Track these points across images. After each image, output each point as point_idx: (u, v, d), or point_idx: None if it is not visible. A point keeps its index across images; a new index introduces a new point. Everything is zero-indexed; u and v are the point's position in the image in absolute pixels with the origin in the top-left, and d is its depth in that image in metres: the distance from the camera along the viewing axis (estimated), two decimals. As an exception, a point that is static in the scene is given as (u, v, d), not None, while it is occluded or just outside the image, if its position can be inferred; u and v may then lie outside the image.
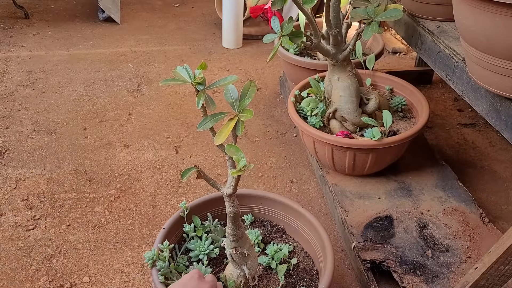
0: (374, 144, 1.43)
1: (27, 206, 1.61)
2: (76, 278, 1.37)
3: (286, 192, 1.69)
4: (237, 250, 1.01)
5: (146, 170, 1.79)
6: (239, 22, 2.73)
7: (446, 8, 1.37)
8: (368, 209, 1.45)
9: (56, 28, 2.98)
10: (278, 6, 1.17)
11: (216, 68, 2.54)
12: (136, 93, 2.30)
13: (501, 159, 1.83)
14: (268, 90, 2.34)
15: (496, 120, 1.04)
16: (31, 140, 1.94)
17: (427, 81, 2.33)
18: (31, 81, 2.37)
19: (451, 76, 1.24)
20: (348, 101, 1.50)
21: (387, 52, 2.70)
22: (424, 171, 1.60)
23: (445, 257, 1.27)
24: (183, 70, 0.89)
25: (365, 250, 1.31)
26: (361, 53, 1.70)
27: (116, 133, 2.01)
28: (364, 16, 1.33)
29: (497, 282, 1.00)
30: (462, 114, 2.11)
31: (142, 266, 1.41)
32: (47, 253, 1.45)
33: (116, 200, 1.65)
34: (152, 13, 3.27)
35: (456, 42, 1.27)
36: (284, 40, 1.18)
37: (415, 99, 1.64)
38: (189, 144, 1.94)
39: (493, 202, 1.63)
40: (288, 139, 1.98)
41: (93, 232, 1.53)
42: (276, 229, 1.26)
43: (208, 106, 0.90)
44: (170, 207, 1.62)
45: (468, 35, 0.95)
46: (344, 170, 1.55)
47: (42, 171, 1.77)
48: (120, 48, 2.75)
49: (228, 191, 0.95)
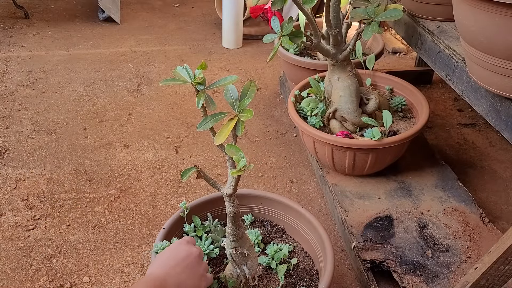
0: (374, 144, 1.43)
1: (27, 206, 1.61)
2: (76, 278, 1.37)
3: (286, 192, 1.69)
4: (237, 250, 1.01)
5: (146, 170, 1.79)
6: (239, 22, 2.73)
7: (446, 8, 1.37)
8: (368, 209, 1.45)
9: (56, 28, 2.98)
10: (278, 6, 1.17)
11: (216, 68, 2.54)
12: (136, 93, 2.30)
13: (501, 159, 1.83)
14: (268, 90, 2.34)
15: (496, 120, 1.04)
16: (31, 140, 1.94)
17: (427, 81, 2.34)
18: (31, 81, 2.37)
19: (451, 76, 1.24)
20: (348, 101, 1.50)
21: (387, 52, 2.70)
22: (424, 171, 1.60)
23: (445, 257, 1.27)
24: (183, 70, 0.89)
25: (365, 250, 1.31)
26: (361, 53, 1.70)
27: (116, 133, 2.01)
28: (364, 16, 1.33)
29: (497, 282, 1.00)
30: (462, 114, 2.11)
31: (142, 266, 1.41)
32: (47, 253, 1.45)
33: (116, 200, 1.65)
34: (152, 13, 3.27)
35: (456, 42, 1.27)
36: (284, 40, 1.18)
37: (415, 99, 1.64)
38: (189, 144, 1.95)
39: (493, 202, 1.63)
40: (288, 139, 1.98)
41: (93, 232, 1.53)
42: (276, 229, 1.26)
43: (208, 106, 0.90)
44: (170, 207, 1.62)
45: (468, 35, 0.95)
46: (344, 170, 1.55)
47: (42, 171, 1.77)
48: (120, 48, 2.75)
49: (228, 191, 0.95)
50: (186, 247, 0.95)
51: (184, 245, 0.95)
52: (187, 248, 0.95)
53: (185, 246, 0.95)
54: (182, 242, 0.96)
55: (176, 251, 0.94)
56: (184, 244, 0.96)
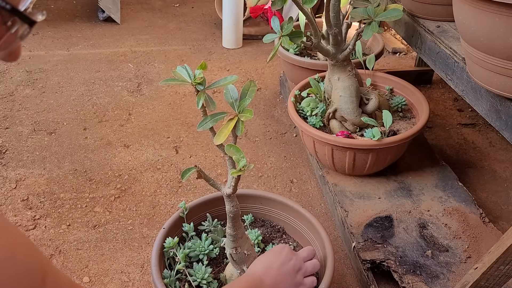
0: (374, 144, 1.43)
1: (27, 206, 1.61)
2: (76, 278, 1.37)
3: (286, 192, 1.69)
4: (237, 250, 1.01)
5: (146, 170, 1.79)
6: (239, 22, 2.73)
7: (446, 8, 1.37)
8: (368, 209, 1.45)
9: (56, 28, 2.98)
10: (278, 6, 1.18)
11: (216, 68, 2.54)
12: (136, 93, 2.30)
13: (501, 159, 1.83)
14: (268, 90, 2.34)
15: (496, 120, 1.04)
16: (31, 140, 1.94)
17: (427, 81, 2.33)
18: (31, 81, 2.37)
19: (451, 76, 1.24)
20: (348, 101, 1.50)
21: (387, 52, 2.70)
22: (424, 171, 1.60)
23: (445, 257, 1.27)
24: (183, 70, 0.89)
25: (365, 250, 1.31)
26: (361, 53, 1.70)
27: (116, 133, 2.01)
28: (364, 16, 1.34)
29: (497, 282, 1.00)
30: (462, 114, 2.11)
31: (142, 266, 1.41)
32: (47, 253, 1.45)
33: (116, 200, 1.65)
34: (152, 13, 3.27)
35: (456, 42, 1.27)
36: (284, 40, 1.18)
37: (415, 99, 1.64)
38: (189, 144, 1.95)
39: (493, 202, 1.63)
40: (288, 139, 1.98)
41: (93, 232, 1.53)
42: (276, 229, 1.26)
43: (208, 106, 0.90)
44: (170, 207, 1.62)
45: (468, 35, 0.95)
46: (344, 170, 1.55)
47: (42, 171, 1.77)
48: (120, 48, 2.75)
49: (228, 191, 0.95)
50: (289, 252, 0.97)
51: (287, 250, 0.97)
52: (290, 254, 0.97)
53: (288, 251, 0.97)
54: (286, 247, 0.99)
55: (279, 254, 0.96)
56: (288, 249, 0.98)
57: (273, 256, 0.96)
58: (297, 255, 0.98)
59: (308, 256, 1.00)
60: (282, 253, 0.96)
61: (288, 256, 0.96)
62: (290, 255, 0.97)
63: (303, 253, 1.00)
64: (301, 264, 0.97)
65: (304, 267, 0.98)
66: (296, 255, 0.98)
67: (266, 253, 0.98)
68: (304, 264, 0.98)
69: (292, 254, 0.97)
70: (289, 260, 0.95)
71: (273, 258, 0.96)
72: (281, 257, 0.95)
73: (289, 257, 0.96)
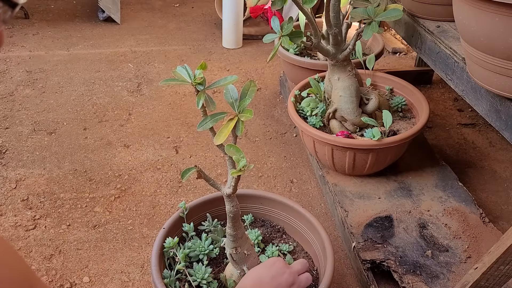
0: (374, 144, 1.43)
1: (27, 206, 1.61)
2: (76, 278, 1.37)
3: (286, 192, 1.69)
4: (237, 250, 1.01)
5: (146, 170, 1.79)
6: (239, 22, 2.73)
7: (446, 8, 1.37)
8: (368, 209, 1.45)
9: (56, 28, 2.98)
10: (278, 6, 1.18)
11: (216, 68, 2.54)
12: (136, 93, 2.30)
13: (501, 159, 1.83)
14: (268, 90, 2.34)
15: (496, 120, 1.04)
16: (31, 140, 1.94)
17: (427, 81, 2.33)
18: (31, 81, 2.37)
19: (451, 76, 1.24)
20: (348, 101, 1.50)
21: (387, 52, 2.70)
22: (424, 171, 1.60)
23: (445, 257, 1.27)
24: (183, 70, 0.89)
25: (365, 250, 1.31)
26: (361, 53, 1.70)
27: (116, 133, 2.01)
28: (364, 16, 1.33)
29: (497, 282, 1.00)
30: (462, 114, 2.11)
31: (142, 266, 1.41)
32: (47, 253, 1.45)
33: (116, 200, 1.65)
34: (152, 13, 3.27)
35: (456, 42, 1.27)
36: (284, 40, 1.18)
37: (415, 99, 1.64)
38: (189, 144, 1.95)
39: (493, 202, 1.63)
40: (288, 139, 1.98)
41: (93, 232, 1.53)
42: (276, 229, 1.26)
43: (208, 106, 0.90)
44: (170, 207, 1.62)
45: (468, 35, 0.95)
46: (344, 170, 1.55)
47: (42, 171, 1.77)
48: (120, 48, 2.75)
49: (228, 191, 0.95)
50: (282, 266, 0.95)
51: (280, 264, 0.95)
52: (283, 267, 0.94)
53: (281, 264, 0.95)
54: (279, 260, 0.96)
55: (270, 267, 0.94)
56: (280, 262, 0.96)
57: (264, 269, 0.94)
58: (290, 269, 0.95)
59: (302, 269, 0.98)
60: (274, 266, 0.94)
61: (282, 270, 0.94)
62: (283, 268, 0.94)
63: (296, 266, 0.98)
64: (294, 278, 0.95)
65: (298, 280, 0.95)
66: (289, 269, 0.95)
67: (258, 266, 0.97)
68: (298, 278, 0.95)
69: (286, 267, 0.95)
70: (282, 274, 0.93)
71: (265, 271, 0.93)
72: (272, 270, 0.93)
73: (282, 270, 0.94)
